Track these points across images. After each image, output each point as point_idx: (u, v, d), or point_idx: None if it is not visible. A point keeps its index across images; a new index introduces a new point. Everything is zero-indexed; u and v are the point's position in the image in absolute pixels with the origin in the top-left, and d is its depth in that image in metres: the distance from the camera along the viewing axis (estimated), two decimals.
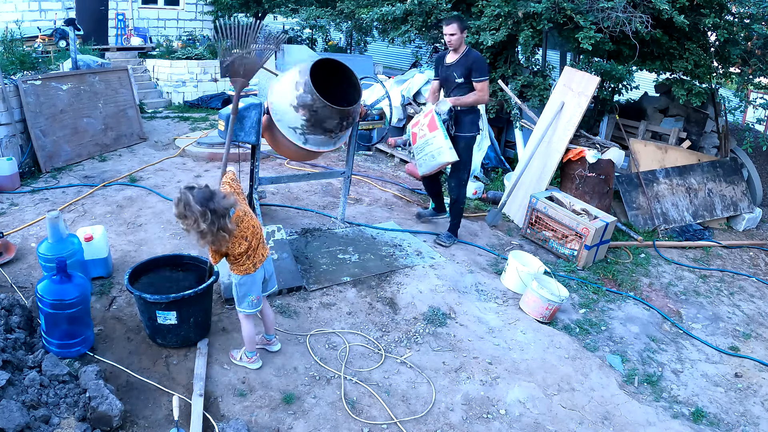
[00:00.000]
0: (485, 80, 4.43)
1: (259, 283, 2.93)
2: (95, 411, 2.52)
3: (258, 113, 4.06)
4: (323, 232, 4.74)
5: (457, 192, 4.80)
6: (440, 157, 4.51)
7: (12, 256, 3.93)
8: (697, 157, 7.01)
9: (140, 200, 5.17)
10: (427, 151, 4.57)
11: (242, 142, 4.14)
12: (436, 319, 3.77)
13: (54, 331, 2.90)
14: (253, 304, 2.93)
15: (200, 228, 2.53)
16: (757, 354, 4.21)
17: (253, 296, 2.91)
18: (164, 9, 12.29)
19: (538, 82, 7.10)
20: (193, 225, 2.54)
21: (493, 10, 6.67)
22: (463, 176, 4.76)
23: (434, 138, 4.49)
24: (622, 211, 6.52)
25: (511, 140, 7.94)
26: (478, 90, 4.45)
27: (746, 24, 6.53)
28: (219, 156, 6.59)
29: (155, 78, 10.36)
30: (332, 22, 9.41)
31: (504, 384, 3.28)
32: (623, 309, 4.51)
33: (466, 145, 4.61)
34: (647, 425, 3.16)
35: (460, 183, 4.77)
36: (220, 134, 4.16)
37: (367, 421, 2.88)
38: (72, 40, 7.22)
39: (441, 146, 4.47)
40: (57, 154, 6.01)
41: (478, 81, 4.42)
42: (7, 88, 5.58)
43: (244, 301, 2.92)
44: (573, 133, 5.61)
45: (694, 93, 6.70)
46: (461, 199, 4.85)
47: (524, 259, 4.55)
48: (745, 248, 6.26)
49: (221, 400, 2.87)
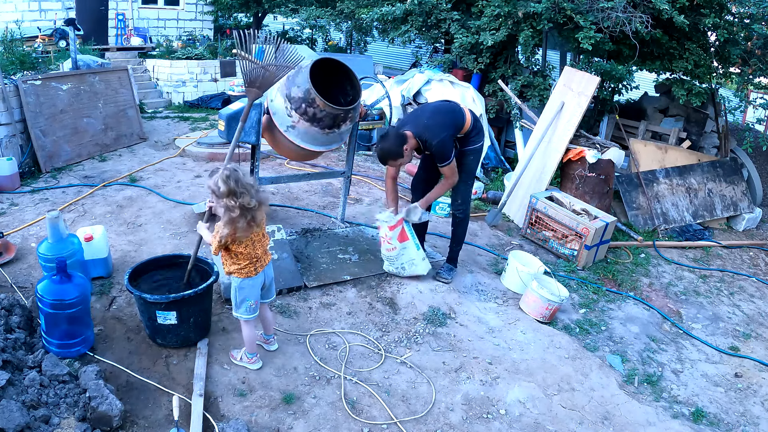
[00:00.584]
0: (448, 164, 3.90)
1: (258, 288, 2.92)
2: (95, 411, 2.52)
3: (258, 113, 4.06)
4: (323, 232, 4.74)
5: (464, 210, 4.26)
6: (412, 269, 4.11)
7: (12, 256, 3.93)
8: (697, 157, 7.01)
9: (140, 200, 5.17)
10: (400, 262, 4.10)
11: (242, 142, 4.14)
12: (436, 319, 3.77)
13: (54, 331, 2.90)
14: (251, 310, 2.91)
15: (250, 204, 2.57)
16: (757, 354, 4.21)
17: (251, 301, 2.89)
18: (164, 9, 12.28)
19: (538, 82, 7.11)
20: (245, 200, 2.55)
21: (493, 10, 6.67)
22: (470, 190, 4.29)
23: (405, 250, 4.04)
24: (622, 211, 6.51)
25: (511, 140, 7.94)
26: (446, 176, 3.99)
27: (746, 24, 6.53)
28: (219, 156, 6.59)
29: (155, 78, 10.36)
30: (332, 22, 9.42)
31: (504, 384, 3.28)
32: (623, 309, 4.51)
33: (475, 158, 4.21)
34: (647, 425, 3.16)
35: (468, 199, 4.27)
36: (220, 134, 4.16)
37: (367, 421, 2.88)
38: (72, 40, 7.21)
39: (413, 258, 4.06)
40: (57, 154, 6.01)
41: (443, 166, 3.92)
42: (7, 88, 5.58)
43: (241, 306, 2.90)
44: (573, 133, 5.62)
45: (694, 93, 6.71)
46: (468, 217, 4.33)
47: (524, 259, 4.55)
48: (745, 248, 6.26)
49: (221, 400, 2.87)
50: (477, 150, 4.19)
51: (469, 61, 7.35)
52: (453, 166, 3.93)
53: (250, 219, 2.63)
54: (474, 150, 4.16)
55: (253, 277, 2.84)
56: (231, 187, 2.56)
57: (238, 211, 2.58)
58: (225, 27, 13.94)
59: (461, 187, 4.17)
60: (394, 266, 4.13)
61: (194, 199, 5.23)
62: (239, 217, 2.59)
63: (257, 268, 2.84)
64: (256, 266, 2.83)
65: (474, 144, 4.13)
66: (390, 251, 4.06)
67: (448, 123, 3.92)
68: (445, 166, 3.90)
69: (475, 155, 4.20)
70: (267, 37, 3.75)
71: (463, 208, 4.25)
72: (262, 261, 2.86)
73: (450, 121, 3.94)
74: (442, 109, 4.05)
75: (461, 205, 4.23)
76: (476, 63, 7.35)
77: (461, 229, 4.31)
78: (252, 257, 2.80)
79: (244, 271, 2.81)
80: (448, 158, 3.85)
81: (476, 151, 4.20)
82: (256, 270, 2.83)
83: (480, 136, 4.15)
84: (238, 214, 2.59)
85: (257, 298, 2.92)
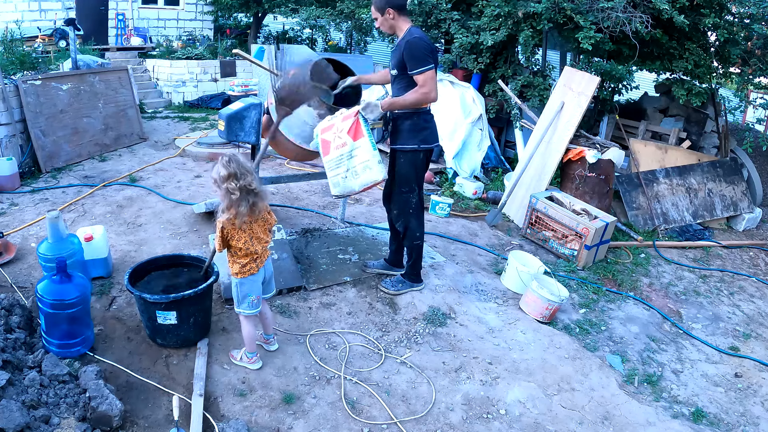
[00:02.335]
0: (425, 71, 3.27)
1: (259, 284, 2.93)
2: (95, 411, 2.52)
3: (258, 113, 4.06)
4: (323, 232, 4.74)
5: (405, 220, 3.71)
6: (365, 174, 3.31)
7: (12, 256, 3.93)
8: (697, 157, 7.01)
9: (140, 200, 5.17)
10: (347, 166, 3.34)
11: (242, 142, 4.15)
12: (436, 319, 3.77)
13: (54, 331, 2.90)
14: (253, 305, 2.93)
15: (252, 185, 2.61)
16: (757, 354, 4.21)
17: (253, 296, 2.91)
18: (164, 9, 12.29)
19: (538, 82, 7.11)
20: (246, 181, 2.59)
21: (493, 10, 6.67)
22: (410, 199, 3.64)
23: (357, 149, 3.30)
24: (622, 211, 6.51)
25: (511, 140, 7.94)
26: (419, 85, 3.31)
27: (746, 24, 6.54)
28: (219, 156, 6.58)
29: (155, 78, 10.37)
30: (332, 22, 9.43)
31: (504, 384, 3.28)
32: (623, 309, 4.51)
33: (407, 161, 3.55)
34: (647, 425, 3.16)
35: (407, 207, 3.68)
36: (220, 134, 4.17)
37: (367, 421, 2.88)
38: (72, 40, 7.22)
39: (367, 160, 3.29)
40: (57, 154, 6.01)
41: (417, 73, 3.29)
42: (7, 88, 5.58)
43: (244, 301, 2.91)
44: (573, 133, 5.62)
45: (694, 93, 6.71)
46: (414, 229, 3.73)
47: (524, 259, 4.55)
48: (745, 248, 6.26)
49: (221, 400, 2.87)
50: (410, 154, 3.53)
51: (469, 61, 7.35)
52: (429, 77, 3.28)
53: (252, 204, 2.66)
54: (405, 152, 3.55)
55: (255, 273, 2.86)
56: (232, 170, 2.61)
57: (238, 192, 2.62)
58: (225, 27, 13.95)
59: (396, 198, 3.71)
60: (342, 177, 3.37)
61: (194, 199, 5.23)
62: (240, 199, 2.63)
63: (258, 265, 2.86)
64: (256, 263, 2.85)
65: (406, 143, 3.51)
66: (339, 149, 3.34)
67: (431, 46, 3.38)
68: (422, 73, 3.28)
69: (407, 160, 3.55)
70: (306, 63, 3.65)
71: (405, 219, 3.71)
72: (261, 258, 2.89)
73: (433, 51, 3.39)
74: None
75: (402, 215, 3.72)
76: (476, 63, 7.35)
77: (406, 241, 3.83)
78: (251, 254, 2.81)
79: (246, 269, 2.83)
80: (424, 64, 3.25)
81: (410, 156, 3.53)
82: (257, 266, 2.86)
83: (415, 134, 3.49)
84: (239, 196, 2.62)
85: (259, 293, 2.94)
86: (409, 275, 3.97)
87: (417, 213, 3.73)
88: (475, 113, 6.96)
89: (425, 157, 3.62)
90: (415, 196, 3.67)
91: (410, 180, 3.62)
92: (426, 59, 3.28)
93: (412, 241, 3.80)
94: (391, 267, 4.14)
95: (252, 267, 2.84)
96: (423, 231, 3.85)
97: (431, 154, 3.68)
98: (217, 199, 3.84)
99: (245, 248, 2.78)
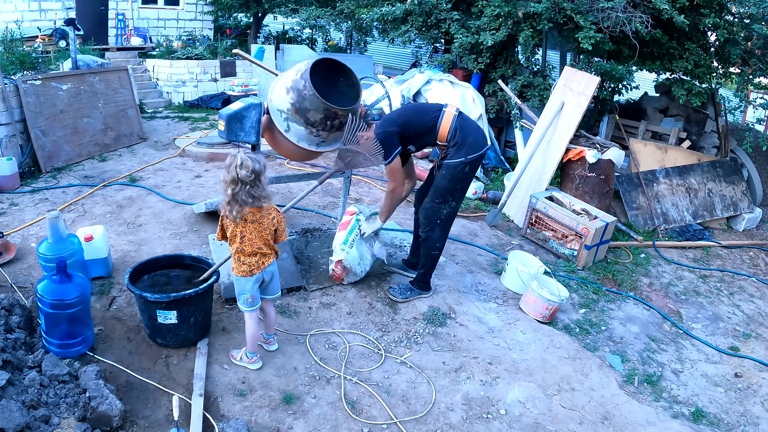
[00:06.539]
0: (386, 164, 3.53)
1: (254, 286, 2.94)
2: (95, 411, 2.52)
3: (258, 113, 4.06)
4: (323, 232, 4.74)
5: (429, 229, 3.72)
6: (334, 254, 3.85)
7: (12, 256, 3.93)
8: (697, 157, 7.01)
9: (140, 200, 5.17)
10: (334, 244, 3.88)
11: (242, 142, 4.14)
12: (436, 319, 3.77)
13: (54, 331, 2.90)
14: (249, 303, 2.96)
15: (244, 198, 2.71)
16: (757, 354, 4.22)
17: (247, 295, 2.94)
18: (164, 9, 12.29)
19: (538, 82, 7.11)
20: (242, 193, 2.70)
21: (493, 10, 6.67)
22: (441, 209, 3.65)
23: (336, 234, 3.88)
24: (622, 211, 6.52)
25: (511, 140, 7.94)
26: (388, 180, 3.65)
27: (746, 24, 6.54)
28: (219, 156, 6.59)
29: (155, 78, 10.36)
30: (332, 22, 9.43)
31: (504, 384, 3.28)
32: (623, 309, 4.51)
33: (448, 173, 3.57)
34: (647, 425, 3.16)
35: (435, 217, 3.68)
36: (220, 134, 4.16)
37: (367, 421, 2.88)
38: (72, 40, 7.21)
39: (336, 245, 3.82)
40: (57, 154, 6.01)
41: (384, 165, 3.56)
42: (7, 88, 5.58)
43: (239, 298, 2.98)
44: (573, 133, 5.62)
45: (694, 93, 6.71)
46: (435, 239, 3.74)
47: (524, 259, 4.55)
48: (745, 248, 6.26)
49: (221, 400, 2.87)
50: (450, 166, 3.56)
51: (469, 61, 7.36)
52: (393, 168, 3.53)
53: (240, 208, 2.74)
54: (447, 165, 3.57)
55: (248, 277, 2.89)
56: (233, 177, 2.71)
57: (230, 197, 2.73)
58: (225, 27, 13.95)
59: (426, 203, 3.72)
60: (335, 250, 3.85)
61: (194, 199, 5.23)
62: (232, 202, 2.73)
63: (253, 270, 2.88)
64: (251, 266, 2.87)
65: (449, 159, 3.57)
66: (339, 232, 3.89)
67: (393, 119, 3.60)
68: (386, 166, 3.55)
69: (447, 170, 3.58)
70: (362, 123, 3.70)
71: (428, 228, 3.73)
72: (258, 263, 2.89)
73: (401, 118, 3.61)
74: (410, 106, 3.88)
75: (424, 223, 3.76)
76: (476, 63, 7.35)
77: (424, 248, 3.84)
78: (242, 252, 2.84)
79: (241, 269, 2.87)
80: (386, 157, 3.48)
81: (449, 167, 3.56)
82: (252, 272, 2.88)
83: (459, 152, 3.53)
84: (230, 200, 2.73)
85: (254, 293, 2.95)
86: (418, 282, 3.96)
87: (444, 225, 3.74)
88: (475, 113, 6.96)
89: (471, 168, 3.59)
90: (447, 207, 3.67)
91: (445, 193, 3.63)
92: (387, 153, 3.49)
93: (431, 250, 3.81)
94: (406, 269, 4.22)
95: (245, 269, 2.87)
96: (444, 244, 3.86)
97: (481, 159, 3.63)
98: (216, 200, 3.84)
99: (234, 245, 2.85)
